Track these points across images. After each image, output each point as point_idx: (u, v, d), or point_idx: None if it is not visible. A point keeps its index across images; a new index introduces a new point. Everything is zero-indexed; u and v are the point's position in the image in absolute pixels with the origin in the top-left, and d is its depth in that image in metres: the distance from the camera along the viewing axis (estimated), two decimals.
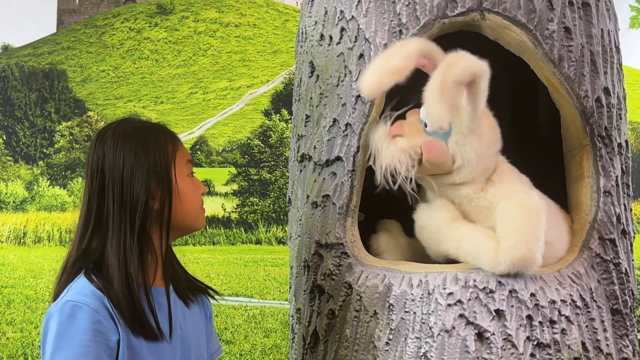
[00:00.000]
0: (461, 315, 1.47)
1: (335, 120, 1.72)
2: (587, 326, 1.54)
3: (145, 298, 1.33)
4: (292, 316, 1.89)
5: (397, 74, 1.48)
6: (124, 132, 1.38)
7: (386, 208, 1.80)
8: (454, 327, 1.46)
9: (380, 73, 1.49)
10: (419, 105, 1.58)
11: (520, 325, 1.46)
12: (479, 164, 1.58)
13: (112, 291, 1.29)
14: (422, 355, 1.48)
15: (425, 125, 1.58)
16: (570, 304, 1.52)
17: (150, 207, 1.36)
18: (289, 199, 2.00)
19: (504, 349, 1.44)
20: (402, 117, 1.64)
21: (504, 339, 1.45)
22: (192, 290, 1.51)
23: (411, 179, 1.54)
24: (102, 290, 1.29)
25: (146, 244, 1.36)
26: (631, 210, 1.82)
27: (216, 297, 1.57)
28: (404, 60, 1.49)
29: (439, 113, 1.44)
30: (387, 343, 1.53)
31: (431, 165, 1.56)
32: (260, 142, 15.31)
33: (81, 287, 1.30)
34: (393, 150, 1.54)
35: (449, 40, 1.61)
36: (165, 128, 1.46)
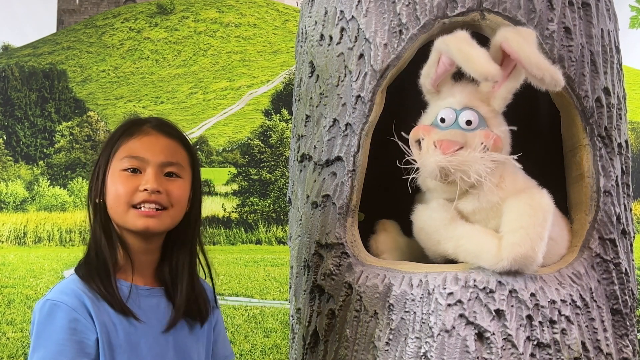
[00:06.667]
0: (461, 315, 1.47)
1: (335, 120, 1.72)
2: (587, 326, 1.54)
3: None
4: (292, 316, 1.89)
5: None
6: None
7: (386, 208, 1.80)
8: (454, 327, 1.46)
9: (488, 56, 1.52)
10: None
11: (520, 325, 1.46)
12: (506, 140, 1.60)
13: (94, 280, 1.32)
14: (422, 355, 1.48)
15: (469, 123, 1.57)
16: (570, 304, 1.52)
17: (94, 200, 1.39)
18: (289, 199, 2.00)
19: (504, 349, 1.44)
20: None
21: (504, 339, 1.45)
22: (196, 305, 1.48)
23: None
24: (84, 279, 1.32)
25: (115, 238, 1.38)
26: (631, 210, 1.82)
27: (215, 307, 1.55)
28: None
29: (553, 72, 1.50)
30: (387, 343, 1.53)
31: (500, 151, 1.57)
32: (260, 142, 15.30)
33: (64, 285, 1.32)
34: (480, 162, 1.51)
35: None
36: (132, 120, 1.44)
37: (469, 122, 1.57)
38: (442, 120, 1.59)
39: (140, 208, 1.36)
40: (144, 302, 1.37)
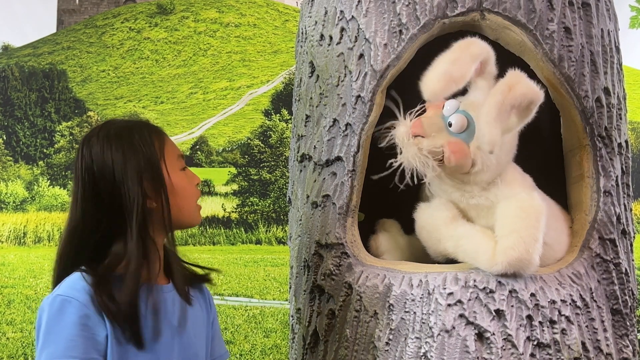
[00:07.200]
0: (461, 315, 1.47)
1: (335, 120, 1.72)
2: (587, 326, 1.54)
3: (147, 298, 1.33)
4: (292, 316, 1.89)
5: (462, 80, 1.50)
6: (108, 134, 1.37)
7: (386, 208, 1.81)
8: (454, 327, 1.46)
9: (447, 78, 1.50)
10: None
11: (520, 325, 1.46)
12: (497, 169, 1.57)
13: (104, 292, 1.28)
14: (422, 355, 1.48)
15: (450, 125, 1.55)
16: (570, 304, 1.52)
17: (149, 207, 1.35)
18: (289, 199, 2.00)
19: (504, 349, 1.44)
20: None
21: (504, 339, 1.45)
22: (191, 281, 1.49)
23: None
24: (94, 287, 1.29)
25: (151, 243, 1.35)
26: (631, 210, 1.82)
27: (212, 281, 1.54)
28: (470, 65, 1.51)
29: (494, 136, 1.44)
30: (387, 343, 1.53)
31: (451, 166, 1.55)
32: (260, 142, 15.30)
33: (73, 281, 1.31)
34: (414, 152, 1.52)
35: (449, 40, 1.61)
36: (148, 124, 1.44)
37: (450, 124, 1.56)
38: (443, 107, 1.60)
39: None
40: (160, 299, 1.37)
